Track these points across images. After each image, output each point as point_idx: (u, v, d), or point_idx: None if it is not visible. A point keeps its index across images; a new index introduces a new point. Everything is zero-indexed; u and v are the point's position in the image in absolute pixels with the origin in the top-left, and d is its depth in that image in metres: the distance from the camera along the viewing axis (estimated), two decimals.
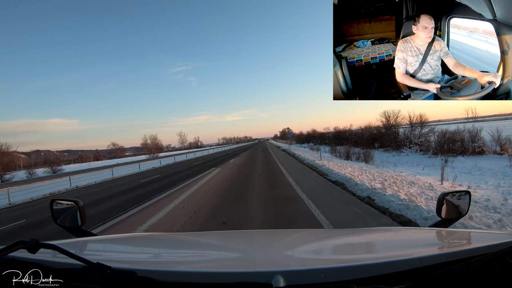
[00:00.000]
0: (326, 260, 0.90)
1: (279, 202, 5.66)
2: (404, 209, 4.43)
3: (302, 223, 4.15)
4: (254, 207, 5.41)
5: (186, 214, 5.20)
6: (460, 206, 1.20)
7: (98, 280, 0.62)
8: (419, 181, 7.21)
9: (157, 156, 42.06)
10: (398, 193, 5.26)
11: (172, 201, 6.60)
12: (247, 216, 4.80)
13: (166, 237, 1.49)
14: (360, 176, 7.90)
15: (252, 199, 6.15)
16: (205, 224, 4.45)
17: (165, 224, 4.66)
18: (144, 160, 32.50)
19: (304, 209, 5.02)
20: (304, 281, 0.61)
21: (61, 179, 16.08)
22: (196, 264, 0.89)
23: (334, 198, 5.88)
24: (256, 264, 0.82)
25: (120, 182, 13.18)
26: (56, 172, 25.40)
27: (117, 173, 17.15)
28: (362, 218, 4.26)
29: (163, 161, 27.26)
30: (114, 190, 10.23)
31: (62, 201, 1.27)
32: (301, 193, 6.47)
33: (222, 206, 5.70)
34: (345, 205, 5.20)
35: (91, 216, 5.50)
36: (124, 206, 6.47)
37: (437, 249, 0.96)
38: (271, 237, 1.32)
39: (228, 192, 7.28)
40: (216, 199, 6.48)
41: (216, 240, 1.28)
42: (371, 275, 0.62)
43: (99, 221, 5.20)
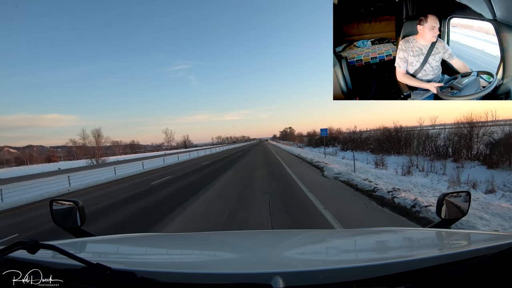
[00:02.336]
0: (326, 261, 0.90)
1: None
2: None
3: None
4: None
5: None
6: (460, 206, 1.20)
7: (98, 281, 0.62)
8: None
9: (103, 163, 27.23)
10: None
11: None
12: None
13: (166, 237, 1.49)
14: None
15: None
16: None
17: None
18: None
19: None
20: (303, 282, 0.61)
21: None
22: (196, 264, 0.89)
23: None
24: (255, 265, 0.82)
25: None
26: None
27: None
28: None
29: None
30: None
31: (61, 201, 1.27)
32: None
33: None
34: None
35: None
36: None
37: (437, 250, 0.96)
38: (271, 238, 1.32)
39: None
40: None
41: (216, 241, 1.28)
42: (371, 276, 0.62)
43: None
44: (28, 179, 13.79)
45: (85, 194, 9.19)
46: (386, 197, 5.51)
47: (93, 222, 4.92)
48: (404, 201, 4.95)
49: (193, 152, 39.27)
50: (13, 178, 14.56)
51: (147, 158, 26.01)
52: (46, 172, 16.09)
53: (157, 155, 34.20)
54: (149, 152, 65.89)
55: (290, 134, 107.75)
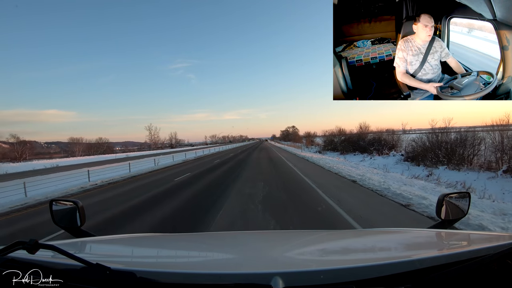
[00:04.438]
0: (325, 262, 0.90)
1: None
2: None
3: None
4: None
5: None
6: (460, 207, 1.19)
7: (98, 281, 0.62)
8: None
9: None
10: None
11: None
12: None
13: (165, 237, 1.49)
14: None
15: None
16: None
17: None
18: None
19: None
20: (303, 282, 0.61)
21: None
22: (196, 265, 0.89)
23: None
24: (255, 265, 0.82)
25: None
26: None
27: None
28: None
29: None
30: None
31: (61, 201, 1.27)
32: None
33: None
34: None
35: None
36: None
37: (437, 250, 0.96)
38: (271, 238, 1.32)
39: None
40: None
41: (216, 241, 1.28)
42: (371, 276, 0.62)
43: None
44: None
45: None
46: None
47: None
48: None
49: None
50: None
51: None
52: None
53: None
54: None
55: (293, 134, 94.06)
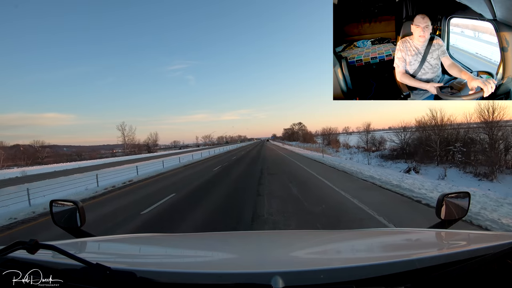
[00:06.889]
0: (325, 261, 0.90)
1: None
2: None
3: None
4: None
5: None
6: (460, 207, 1.19)
7: (98, 281, 0.62)
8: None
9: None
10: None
11: None
12: None
13: (166, 237, 1.49)
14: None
15: None
16: None
17: None
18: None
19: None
20: (303, 282, 0.61)
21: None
22: (196, 264, 0.89)
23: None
24: (255, 265, 0.82)
25: None
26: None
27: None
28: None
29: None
30: None
31: (61, 201, 1.27)
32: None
33: None
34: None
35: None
36: None
37: (437, 250, 0.96)
38: (271, 238, 1.33)
39: None
40: None
41: (216, 241, 1.28)
42: (371, 276, 0.62)
43: None
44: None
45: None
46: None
47: None
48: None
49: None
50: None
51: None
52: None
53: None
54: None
55: (301, 132, 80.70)
